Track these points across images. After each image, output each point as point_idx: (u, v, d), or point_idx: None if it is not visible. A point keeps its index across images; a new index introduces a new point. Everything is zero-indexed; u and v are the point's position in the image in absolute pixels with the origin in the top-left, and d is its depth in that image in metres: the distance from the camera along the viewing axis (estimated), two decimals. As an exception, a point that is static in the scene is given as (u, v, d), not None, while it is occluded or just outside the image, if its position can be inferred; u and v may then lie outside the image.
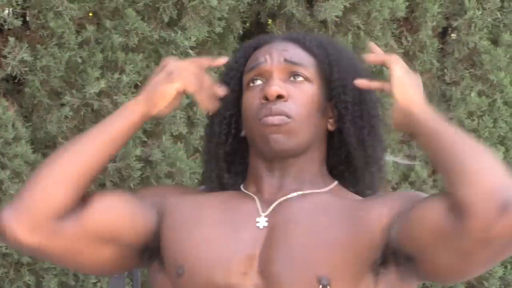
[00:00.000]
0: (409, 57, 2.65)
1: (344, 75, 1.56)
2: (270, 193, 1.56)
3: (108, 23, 2.30)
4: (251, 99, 1.55)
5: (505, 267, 2.70)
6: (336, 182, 1.58)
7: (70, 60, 2.26)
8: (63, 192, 1.45)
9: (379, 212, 1.49)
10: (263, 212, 1.54)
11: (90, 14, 2.33)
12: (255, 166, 1.59)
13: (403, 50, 2.63)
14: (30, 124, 2.29)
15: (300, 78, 1.54)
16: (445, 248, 1.39)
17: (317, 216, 1.52)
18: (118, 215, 1.53)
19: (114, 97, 2.32)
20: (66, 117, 2.28)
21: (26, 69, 2.24)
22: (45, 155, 2.28)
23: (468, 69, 2.67)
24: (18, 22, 2.23)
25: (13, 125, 2.23)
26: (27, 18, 2.28)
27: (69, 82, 2.29)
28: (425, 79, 2.66)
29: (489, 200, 1.33)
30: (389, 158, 2.47)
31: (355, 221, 1.50)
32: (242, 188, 1.59)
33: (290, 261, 1.49)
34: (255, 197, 1.57)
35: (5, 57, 2.23)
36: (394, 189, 2.58)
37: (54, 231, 1.45)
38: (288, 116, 1.52)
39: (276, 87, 1.52)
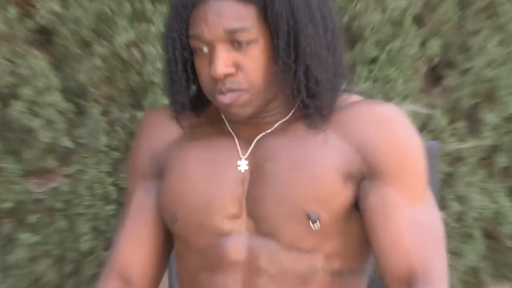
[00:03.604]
0: (429, 8, 2.51)
1: (278, 16, 1.39)
2: (248, 131, 1.49)
3: None
4: (201, 67, 1.45)
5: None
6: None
7: (99, 11, 2.13)
8: None
9: (358, 151, 1.42)
10: (243, 154, 1.48)
11: None
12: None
13: (423, 1, 2.49)
14: (61, 74, 2.17)
15: (244, 43, 1.41)
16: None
17: (296, 150, 1.46)
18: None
19: (142, 47, 2.18)
20: (95, 67, 2.15)
21: (57, 20, 2.09)
22: (76, 104, 2.19)
23: (487, 20, 2.55)
24: None
25: (44, 75, 2.12)
26: None
27: (98, 32, 2.14)
28: (445, 30, 2.54)
29: None
30: (408, 107, 2.42)
31: (334, 150, 1.44)
32: (223, 117, 1.51)
33: (276, 200, 1.44)
34: (235, 137, 1.50)
35: (35, 7, 2.11)
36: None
37: None
38: (241, 90, 1.43)
39: (221, 66, 1.40)
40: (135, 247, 1.52)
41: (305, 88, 1.42)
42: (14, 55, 2.10)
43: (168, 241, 1.55)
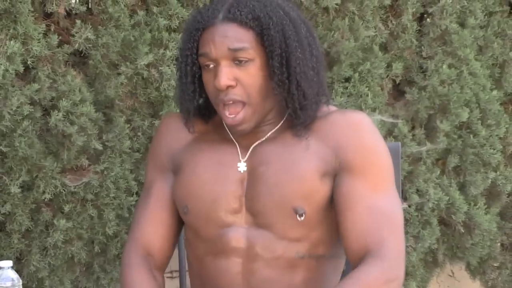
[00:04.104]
0: (393, 37, 2.63)
1: (273, 41, 1.47)
2: (246, 139, 1.54)
3: (155, 9, 2.28)
4: (208, 80, 1.50)
5: (469, 204, 2.72)
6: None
7: (124, 39, 2.24)
8: None
9: (333, 151, 1.49)
10: (242, 158, 1.53)
11: (140, 2, 2.32)
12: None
13: (389, 31, 2.61)
14: (93, 89, 2.26)
15: (244, 61, 1.46)
16: None
17: (284, 155, 1.50)
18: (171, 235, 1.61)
19: (160, 68, 2.29)
20: (121, 83, 2.26)
21: (90, 45, 2.22)
22: (105, 114, 2.29)
23: (440, 47, 2.65)
24: (83, 8, 2.21)
25: (79, 90, 2.21)
26: (90, 5, 2.26)
27: (124, 56, 2.26)
28: (406, 54, 2.66)
29: None
30: (377, 117, 2.50)
31: (314, 154, 1.49)
32: (224, 123, 1.54)
33: (269, 198, 1.48)
34: (236, 144, 1.54)
35: (73, 36, 2.21)
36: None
37: None
38: (241, 102, 1.47)
39: (224, 78, 1.46)
40: (156, 227, 1.57)
41: (297, 100, 1.48)
42: (55, 74, 2.19)
43: (179, 224, 1.60)
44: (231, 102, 1.47)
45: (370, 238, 1.44)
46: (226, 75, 1.46)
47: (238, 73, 1.47)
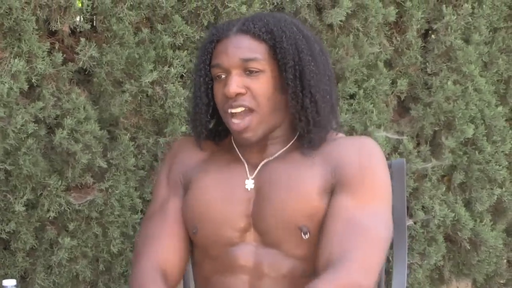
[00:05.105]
0: (398, 53, 2.64)
1: (286, 53, 1.48)
2: (255, 157, 1.54)
3: (159, 26, 2.29)
4: (218, 90, 1.52)
5: (475, 220, 2.71)
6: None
7: (129, 56, 2.24)
8: None
9: (333, 169, 1.49)
10: (250, 175, 1.54)
11: (145, 19, 2.32)
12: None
13: (393, 48, 2.62)
14: (97, 107, 2.27)
15: (255, 71, 1.48)
16: None
17: (290, 173, 1.50)
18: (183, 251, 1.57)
19: (164, 85, 2.29)
20: (126, 101, 2.26)
21: (94, 63, 2.22)
22: (110, 132, 2.29)
23: (445, 63, 2.66)
24: (87, 26, 2.21)
25: (84, 108, 2.21)
26: (95, 23, 2.27)
27: (129, 73, 2.26)
28: (411, 71, 2.66)
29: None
30: (381, 133, 2.50)
31: (318, 172, 1.50)
32: (233, 142, 1.56)
33: (275, 217, 1.49)
34: (244, 161, 1.55)
35: (77, 53, 2.21)
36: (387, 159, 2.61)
37: None
38: (249, 109, 1.47)
39: (234, 86, 1.47)
40: (174, 243, 1.55)
41: (310, 114, 1.50)
42: (59, 92, 2.20)
43: (189, 242, 1.59)
44: (239, 109, 1.48)
45: (334, 248, 1.42)
46: (236, 82, 1.47)
47: (248, 82, 1.49)
